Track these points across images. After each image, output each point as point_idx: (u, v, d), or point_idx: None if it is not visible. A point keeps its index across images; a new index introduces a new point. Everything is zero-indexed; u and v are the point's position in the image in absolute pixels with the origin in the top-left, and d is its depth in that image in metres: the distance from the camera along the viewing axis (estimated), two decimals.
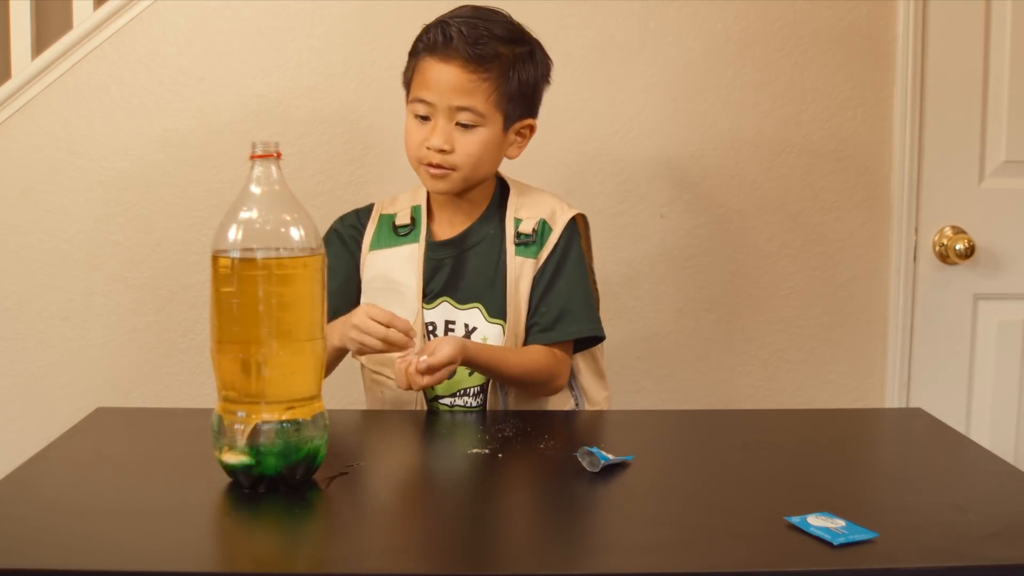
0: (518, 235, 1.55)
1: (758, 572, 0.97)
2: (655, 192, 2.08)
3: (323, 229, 1.26)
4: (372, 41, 2.02)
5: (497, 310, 1.54)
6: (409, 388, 1.39)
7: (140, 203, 2.03)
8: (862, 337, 2.15)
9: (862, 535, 1.01)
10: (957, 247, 2.08)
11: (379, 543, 1.04)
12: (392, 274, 1.56)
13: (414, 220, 1.59)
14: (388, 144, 2.02)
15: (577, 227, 1.58)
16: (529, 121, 1.56)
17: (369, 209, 1.64)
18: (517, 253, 1.54)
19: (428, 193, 1.60)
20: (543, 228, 1.56)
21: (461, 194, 1.56)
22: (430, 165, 1.50)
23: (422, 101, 1.50)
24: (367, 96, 2.03)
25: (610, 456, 1.21)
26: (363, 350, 1.41)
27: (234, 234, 1.13)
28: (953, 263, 2.11)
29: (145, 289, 2.04)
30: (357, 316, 1.39)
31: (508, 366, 1.50)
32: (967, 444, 1.39)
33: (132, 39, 1.99)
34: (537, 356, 1.52)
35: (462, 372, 1.52)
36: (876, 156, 2.11)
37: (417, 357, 1.37)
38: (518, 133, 1.56)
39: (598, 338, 1.58)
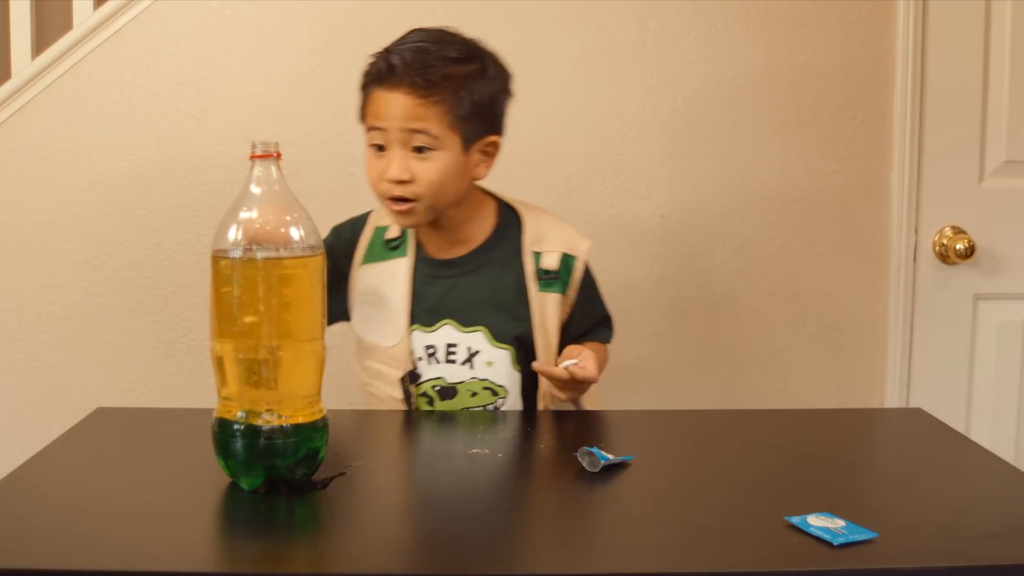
0: (542, 271, 1.53)
1: (758, 572, 0.97)
2: (655, 192, 2.08)
3: (323, 229, 1.26)
4: (372, 41, 2.01)
5: (503, 335, 1.51)
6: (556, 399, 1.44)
7: (140, 203, 2.03)
8: (862, 337, 2.15)
9: (862, 535, 1.01)
10: (957, 247, 2.08)
11: (379, 543, 1.04)
12: (383, 289, 1.53)
13: (403, 233, 1.55)
14: None
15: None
16: (492, 138, 1.49)
17: (365, 219, 1.59)
18: (541, 289, 1.53)
19: None
20: (565, 261, 1.54)
21: (442, 219, 1.51)
22: (392, 199, 1.45)
23: (375, 128, 1.45)
24: None
25: (610, 456, 1.21)
26: None
27: (234, 234, 1.13)
28: (953, 263, 2.11)
29: (145, 289, 2.04)
30: None
31: (604, 367, 1.58)
32: (967, 444, 1.39)
33: (132, 39, 1.99)
34: (603, 349, 1.62)
35: (464, 394, 1.51)
36: (876, 156, 2.11)
37: (568, 364, 1.41)
38: (482, 152, 1.49)
39: None
